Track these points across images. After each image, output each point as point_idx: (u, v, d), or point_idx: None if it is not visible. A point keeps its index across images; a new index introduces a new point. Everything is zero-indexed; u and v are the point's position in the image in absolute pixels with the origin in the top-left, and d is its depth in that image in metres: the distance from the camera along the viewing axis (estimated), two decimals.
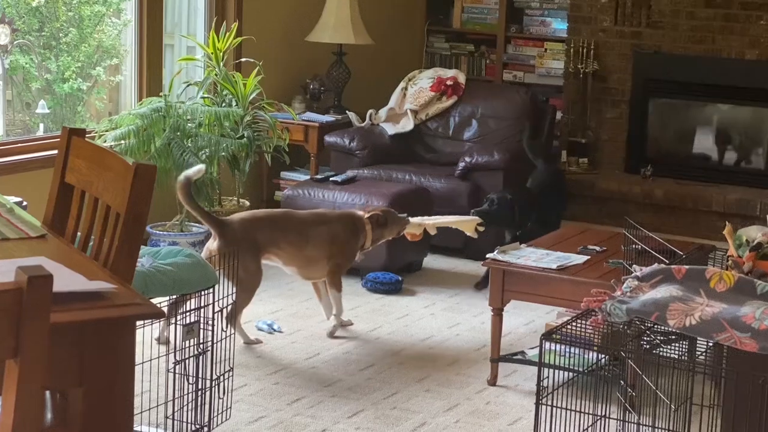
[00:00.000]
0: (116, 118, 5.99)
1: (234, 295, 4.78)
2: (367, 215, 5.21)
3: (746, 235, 3.32)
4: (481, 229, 5.44)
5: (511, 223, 5.98)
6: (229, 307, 4.72)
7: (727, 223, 3.44)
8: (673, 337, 3.32)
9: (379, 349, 5.07)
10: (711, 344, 3.02)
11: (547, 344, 3.02)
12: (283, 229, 5.05)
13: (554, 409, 2.99)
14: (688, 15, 7.68)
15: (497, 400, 4.53)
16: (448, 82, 7.22)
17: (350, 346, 5.09)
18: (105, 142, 5.75)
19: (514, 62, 8.48)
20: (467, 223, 5.42)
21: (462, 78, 7.30)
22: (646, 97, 7.88)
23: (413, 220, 5.37)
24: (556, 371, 3.08)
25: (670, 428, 3.11)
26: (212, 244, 4.91)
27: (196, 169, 4.88)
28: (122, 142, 5.83)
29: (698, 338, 3.03)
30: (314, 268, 5.13)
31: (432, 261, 6.43)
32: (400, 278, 5.96)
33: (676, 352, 3.30)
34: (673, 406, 3.14)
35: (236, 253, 4.58)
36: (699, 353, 3.08)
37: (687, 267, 3.15)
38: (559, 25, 8.29)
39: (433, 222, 5.40)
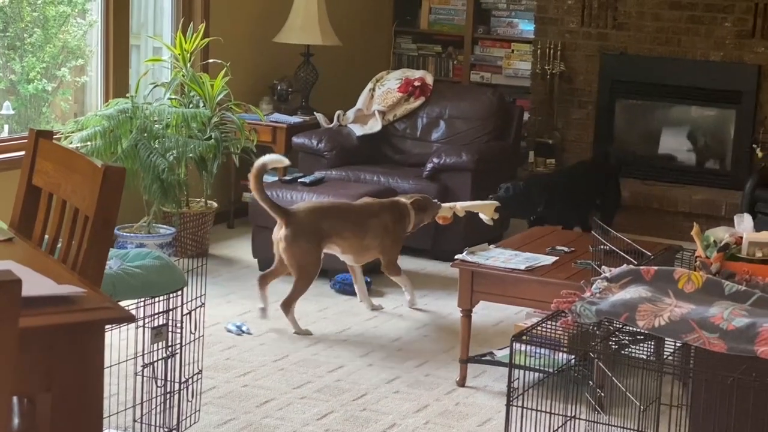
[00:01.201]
0: (82, 119, 5.96)
1: (294, 284, 5.24)
2: (410, 201, 5.53)
3: (714, 236, 3.34)
4: (496, 216, 5.63)
5: (524, 208, 6.36)
6: (286, 295, 5.26)
7: (694, 224, 3.47)
8: (640, 337, 3.34)
9: (348, 351, 5.07)
10: (679, 344, 3.04)
11: (517, 345, 3.03)
12: (345, 219, 5.37)
13: (524, 410, 3.00)
14: (654, 17, 7.73)
15: (466, 401, 4.54)
16: (416, 83, 7.23)
17: (319, 348, 5.08)
18: (71, 143, 5.71)
19: (482, 63, 8.50)
20: (487, 207, 5.62)
21: (429, 79, 7.31)
22: (613, 98, 7.93)
23: (444, 205, 5.62)
24: (526, 372, 3.09)
25: (639, 428, 3.12)
26: (278, 233, 5.23)
27: (276, 158, 5.30)
28: (88, 143, 5.79)
29: (666, 338, 3.04)
30: (367, 255, 5.49)
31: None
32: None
33: (644, 353, 3.32)
34: (641, 407, 3.16)
35: (301, 242, 5.14)
36: (667, 354, 3.10)
37: (655, 268, 3.17)
38: (525, 27, 8.33)
39: (461, 206, 5.63)
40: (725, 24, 7.55)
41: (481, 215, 5.60)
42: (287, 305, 5.26)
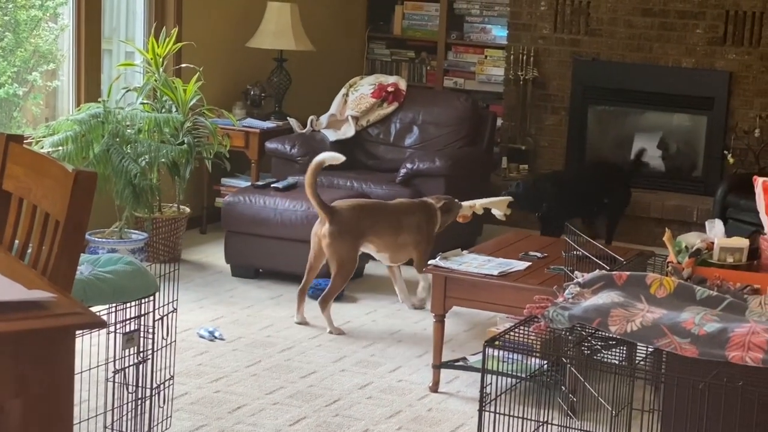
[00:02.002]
0: (54, 123, 5.92)
1: (332, 279, 5.40)
2: (439, 204, 5.68)
3: (685, 242, 3.36)
4: (509, 211, 5.78)
5: (532, 204, 6.64)
6: (324, 292, 5.43)
7: (666, 229, 3.48)
8: (613, 342, 3.35)
9: (321, 356, 5.06)
10: (651, 349, 3.05)
11: (490, 350, 3.03)
12: (382, 217, 5.54)
13: (497, 415, 3.00)
14: (626, 23, 7.76)
15: (439, 407, 4.54)
16: (389, 89, 7.23)
17: (291, 354, 5.07)
18: (42, 148, 5.68)
19: (455, 69, 8.52)
20: (501, 203, 5.77)
21: (403, 84, 7.32)
22: (585, 104, 7.95)
23: (464, 204, 5.76)
24: (499, 377, 3.09)
25: None
26: (321, 229, 5.40)
27: (331, 156, 5.47)
28: (60, 148, 5.76)
29: (638, 343, 3.05)
30: (402, 253, 5.61)
31: (373, 268, 6.43)
32: None
33: (616, 358, 3.33)
34: (613, 412, 3.16)
35: (345, 238, 5.34)
36: (639, 359, 3.11)
37: (628, 273, 3.18)
38: (499, 32, 8.34)
39: (479, 204, 5.75)
40: (697, 31, 7.59)
41: (494, 211, 5.73)
42: (325, 302, 5.39)
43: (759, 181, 3.57)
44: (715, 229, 3.52)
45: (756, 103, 7.51)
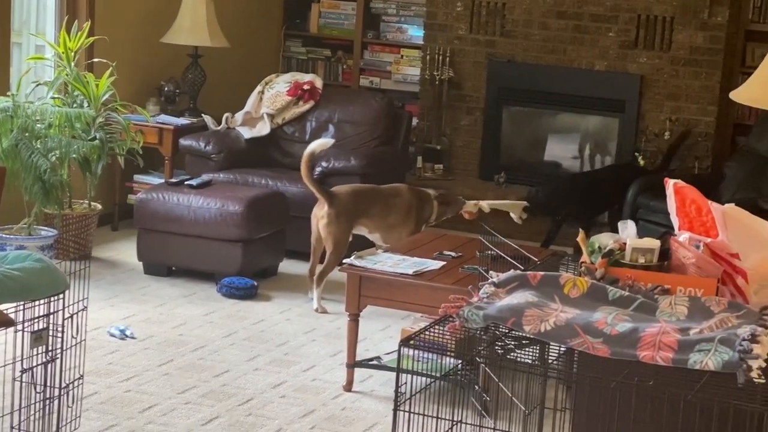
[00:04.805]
0: None
1: (327, 258, 5.71)
2: (435, 194, 5.99)
3: (599, 242, 3.38)
4: (525, 215, 5.94)
5: (552, 209, 6.73)
6: (319, 269, 5.74)
7: (580, 230, 3.51)
8: (526, 342, 3.36)
9: (234, 355, 5.02)
10: (564, 349, 3.07)
11: (405, 350, 3.02)
12: (373, 200, 5.87)
13: (411, 414, 3.00)
14: (541, 25, 7.84)
15: (353, 406, 4.53)
16: (305, 87, 7.21)
17: (204, 353, 5.02)
18: None
19: (371, 68, 8.52)
20: (516, 207, 5.94)
21: (319, 83, 7.30)
22: (500, 105, 8.01)
23: (468, 201, 5.99)
24: (413, 376, 3.08)
25: None
26: (320, 211, 5.73)
27: (321, 142, 5.79)
28: None
29: (551, 343, 3.07)
30: (393, 234, 5.84)
31: (288, 266, 6.41)
32: (255, 283, 5.91)
33: (530, 357, 3.35)
34: (526, 411, 3.18)
35: (341, 219, 5.68)
36: (553, 359, 3.13)
37: (542, 273, 3.20)
38: (415, 32, 8.37)
39: (486, 203, 5.91)
40: (609, 34, 7.69)
41: (511, 214, 5.87)
42: (320, 279, 5.71)
43: (670, 183, 3.62)
44: (628, 230, 3.55)
45: (666, 107, 7.63)
